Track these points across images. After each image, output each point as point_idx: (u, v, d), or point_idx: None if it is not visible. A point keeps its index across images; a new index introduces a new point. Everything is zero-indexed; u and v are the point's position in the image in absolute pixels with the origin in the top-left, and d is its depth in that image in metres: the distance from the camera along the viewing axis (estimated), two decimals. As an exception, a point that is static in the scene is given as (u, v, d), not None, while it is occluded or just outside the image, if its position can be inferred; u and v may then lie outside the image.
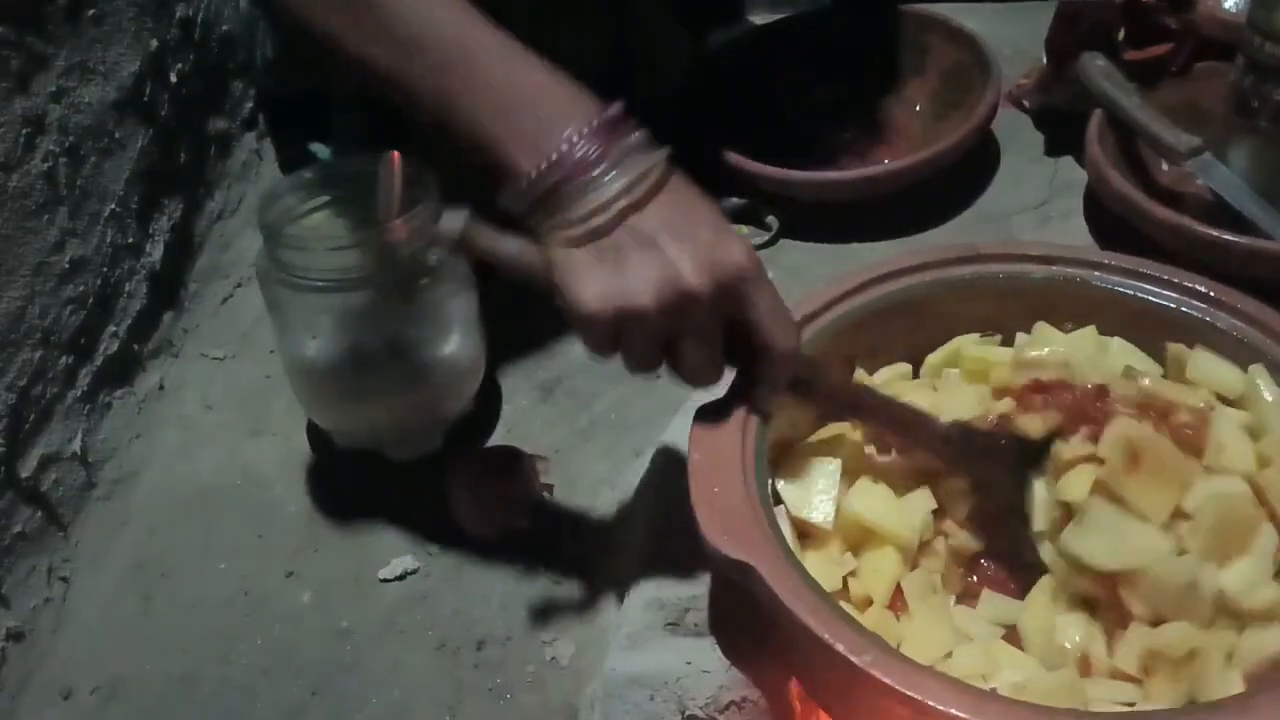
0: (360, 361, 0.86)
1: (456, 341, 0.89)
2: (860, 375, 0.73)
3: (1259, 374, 0.66)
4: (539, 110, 0.60)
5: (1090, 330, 0.71)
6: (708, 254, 0.58)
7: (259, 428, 0.97)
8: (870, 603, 0.64)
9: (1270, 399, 0.65)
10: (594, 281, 0.58)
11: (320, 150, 0.97)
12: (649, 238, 0.58)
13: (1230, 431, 0.62)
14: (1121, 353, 0.71)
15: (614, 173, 0.58)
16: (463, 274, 0.87)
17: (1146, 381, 0.65)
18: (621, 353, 0.60)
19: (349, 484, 0.91)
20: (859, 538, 0.66)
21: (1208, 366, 0.68)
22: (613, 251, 0.58)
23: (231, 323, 1.07)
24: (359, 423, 0.90)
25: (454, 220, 0.59)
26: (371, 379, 0.87)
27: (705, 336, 0.60)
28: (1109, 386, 0.64)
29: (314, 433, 0.93)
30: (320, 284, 0.84)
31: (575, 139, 0.59)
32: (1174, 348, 0.69)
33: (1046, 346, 0.70)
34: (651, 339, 0.59)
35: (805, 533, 0.67)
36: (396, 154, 0.80)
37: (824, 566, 0.65)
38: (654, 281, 0.57)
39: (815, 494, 0.66)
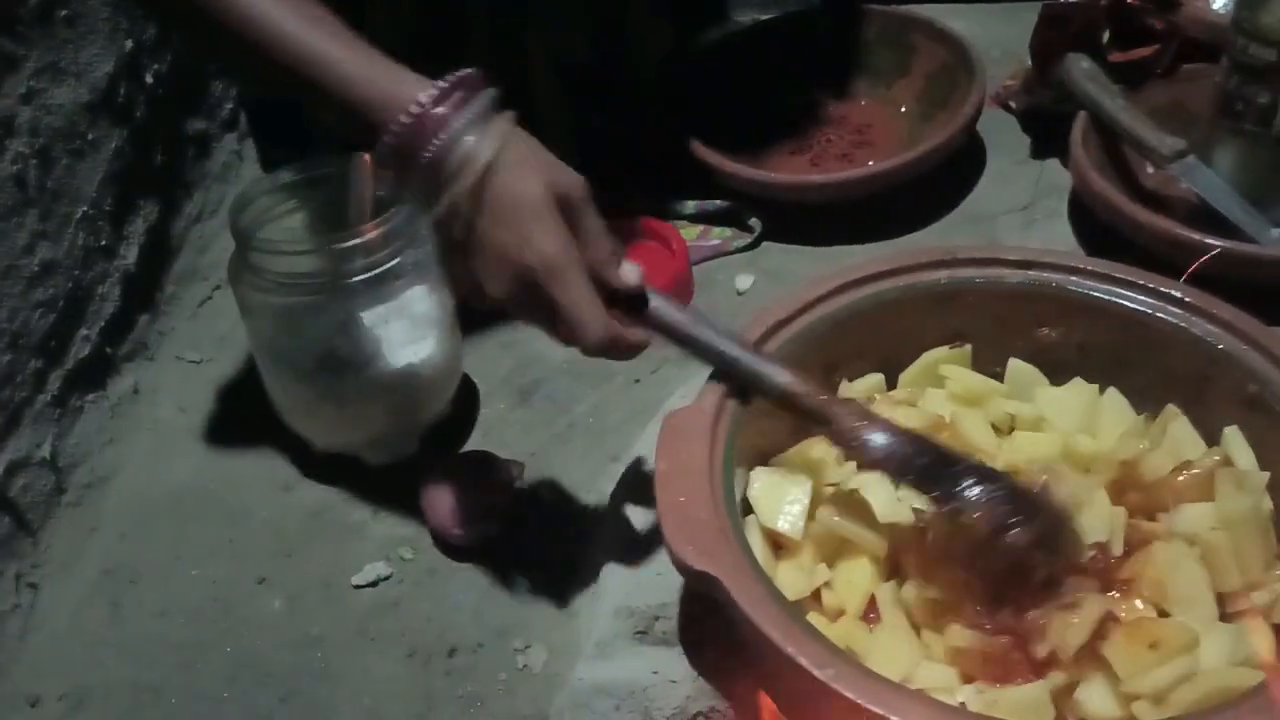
0: (333, 366, 0.86)
1: (431, 345, 0.88)
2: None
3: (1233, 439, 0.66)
4: (390, 77, 0.65)
5: (1081, 389, 0.71)
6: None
7: (233, 432, 0.96)
8: (843, 613, 0.63)
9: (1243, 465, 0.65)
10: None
11: (290, 150, 0.96)
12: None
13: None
14: (1110, 414, 0.70)
15: (466, 131, 0.63)
16: (437, 276, 0.87)
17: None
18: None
19: (322, 489, 0.90)
20: (833, 548, 0.65)
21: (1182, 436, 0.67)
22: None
23: (209, 326, 1.06)
24: (333, 427, 0.89)
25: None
26: (346, 383, 0.86)
27: (536, 319, 0.66)
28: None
29: (288, 437, 0.92)
30: (293, 288, 0.83)
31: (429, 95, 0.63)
32: (1169, 410, 0.69)
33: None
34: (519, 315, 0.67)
35: (779, 543, 0.66)
36: (368, 156, 0.80)
37: (796, 577, 0.65)
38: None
39: (785, 504, 0.65)
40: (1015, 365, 0.73)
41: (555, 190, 0.64)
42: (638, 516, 0.76)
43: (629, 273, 0.66)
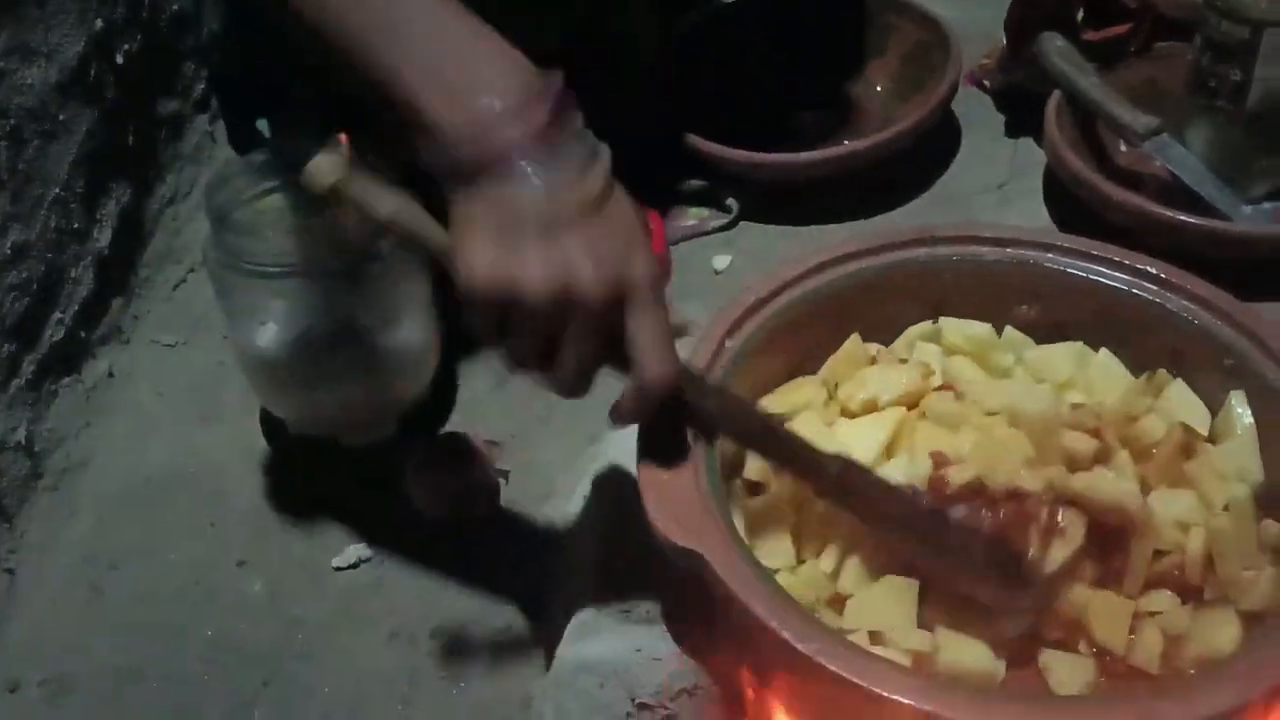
0: (312, 348, 0.85)
1: (410, 327, 0.87)
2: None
3: (1238, 401, 0.66)
4: (468, 67, 0.56)
5: (1076, 348, 0.71)
6: (612, 261, 0.55)
7: (211, 415, 0.95)
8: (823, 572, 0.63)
9: (1241, 431, 0.65)
10: (489, 252, 0.54)
11: (264, 127, 0.95)
12: (558, 228, 0.55)
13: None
14: (1102, 371, 0.70)
15: (546, 163, 0.55)
16: (416, 258, 0.86)
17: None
18: (502, 342, 0.57)
19: (302, 471, 0.90)
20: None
21: (1181, 400, 0.67)
22: (516, 230, 0.54)
23: (184, 308, 1.05)
24: (312, 410, 0.89)
25: (326, 165, 0.55)
26: (323, 366, 0.86)
27: (586, 342, 0.56)
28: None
29: (267, 420, 0.92)
30: (269, 270, 0.82)
31: (510, 110, 0.54)
32: (1160, 375, 0.69)
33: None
34: (535, 331, 0.56)
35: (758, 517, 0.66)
36: (344, 135, 0.79)
37: (777, 540, 0.65)
38: (550, 272, 0.54)
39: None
40: (1009, 333, 0.73)
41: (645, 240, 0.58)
42: (619, 495, 0.76)
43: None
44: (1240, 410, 0.65)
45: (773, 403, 0.70)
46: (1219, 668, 0.51)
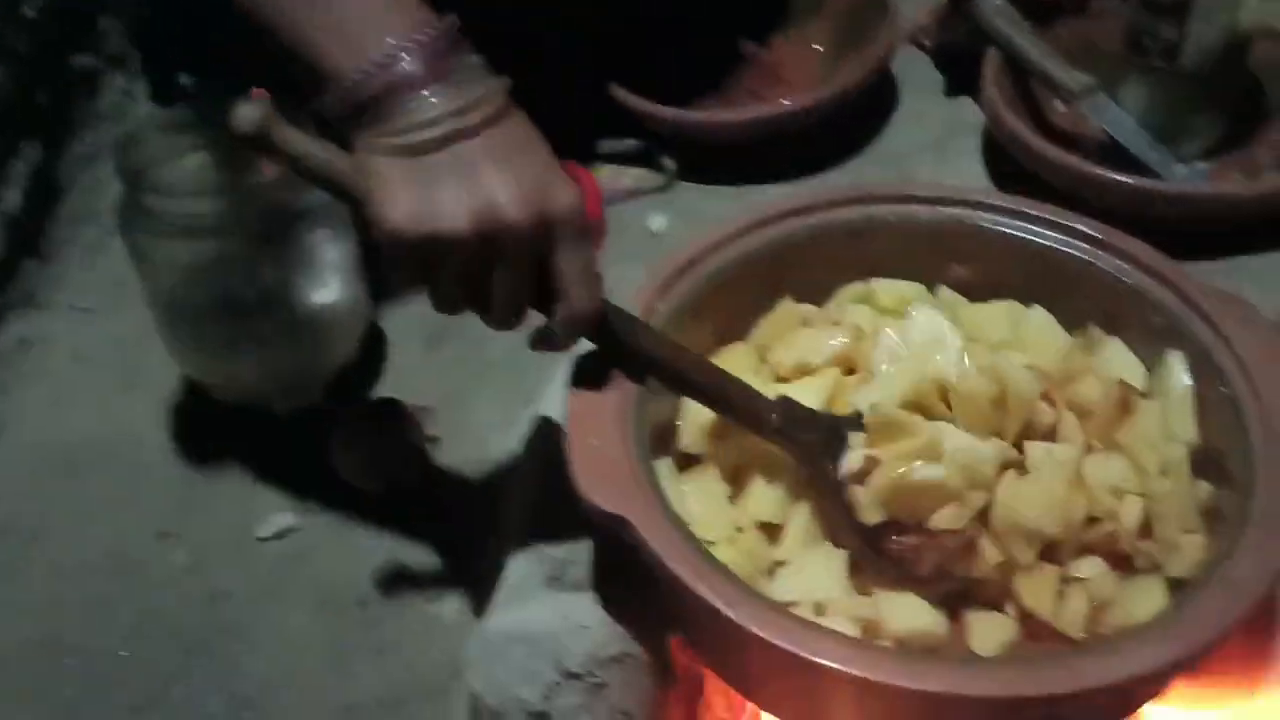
0: (233, 311, 0.83)
1: (336, 288, 0.85)
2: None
3: (1176, 361, 0.66)
4: (365, 11, 0.55)
5: (1010, 306, 0.71)
6: (532, 189, 0.54)
7: (131, 382, 0.92)
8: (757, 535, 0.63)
9: (1178, 391, 0.65)
10: (405, 199, 0.53)
11: (187, 81, 0.92)
12: (472, 165, 0.54)
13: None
14: (1037, 330, 0.70)
15: (445, 93, 0.54)
16: (342, 217, 0.84)
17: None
18: (429, 286, 0.56)
19: (226, 439, 0.87)
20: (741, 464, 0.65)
21: (1118, 358, 0.67)
22: (429, 172, 0.54)
23: (103, 272, 1.02)
24: (235, 375, 0.87)
25: (250, 111, 0.54)
26: (246, 330, 0.83)
27: (514, 274, 0.56)
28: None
29: (189, 386, 0.89)
30: (188, 231, 0.80)
31: (404, 47, 0.54)
32: (1094, 331, 0.69)
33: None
34: (461, 271, 0.55)
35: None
36: (263, 90, 0.76)
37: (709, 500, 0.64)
38: (471, 209, 0.53)
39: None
40: (943, 293, 0.73)
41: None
42: (552, 461, 0.75)
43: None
44: (1179, 370, 0.65)
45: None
46: (1145, 629, 0.51)
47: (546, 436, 0.75)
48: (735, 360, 0.69)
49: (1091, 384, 0.65)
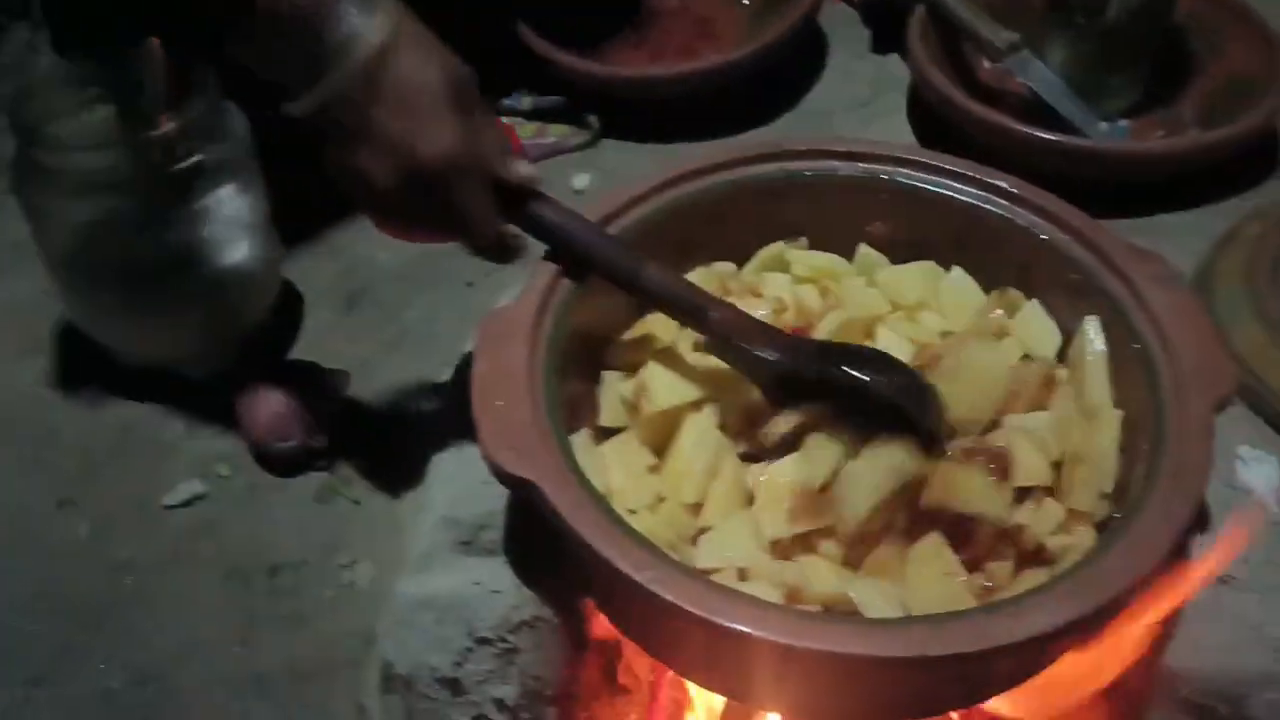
0: (136, 273, 0.80)
1: (246, 248, 0.83)
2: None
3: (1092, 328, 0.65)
4: None
5: (923, 268, 0.70)
6: (401, 151, 0.59)
7: (31, 347, 0.89)
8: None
9: (1091, 358, 0.64)
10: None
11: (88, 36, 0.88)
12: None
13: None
14: (953, 292, 0.70)
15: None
16: (251, 172, 0.81)
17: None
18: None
19: (131, 405, 0.84)
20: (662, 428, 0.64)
21: (1034, 322, 0.67)
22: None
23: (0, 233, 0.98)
24: (140, 339, 0.84)
25: None
26: (152, 292, 0.81)
27: (429, 213, 0.62)
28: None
29: (92, 350, 0.86)
30: (85, 188, 0.77)
31: None
32: (1010, 294, 0.69)
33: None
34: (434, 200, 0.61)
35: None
36: (158, 41, 0.73)
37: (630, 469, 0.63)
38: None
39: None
40: (863, 251, 0.72)
41: (451, 80, 0.60)
42: (465, 425, 0.73)
43: (521, 167, 0.64)
44: (1093, 337, 0.65)
45: (623, 344, 0.68)
46: (1051, 587, 0.51)
47: (460, 401, 0.74)
48: (654, 327, 0.68)
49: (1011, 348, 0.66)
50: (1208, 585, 0.59)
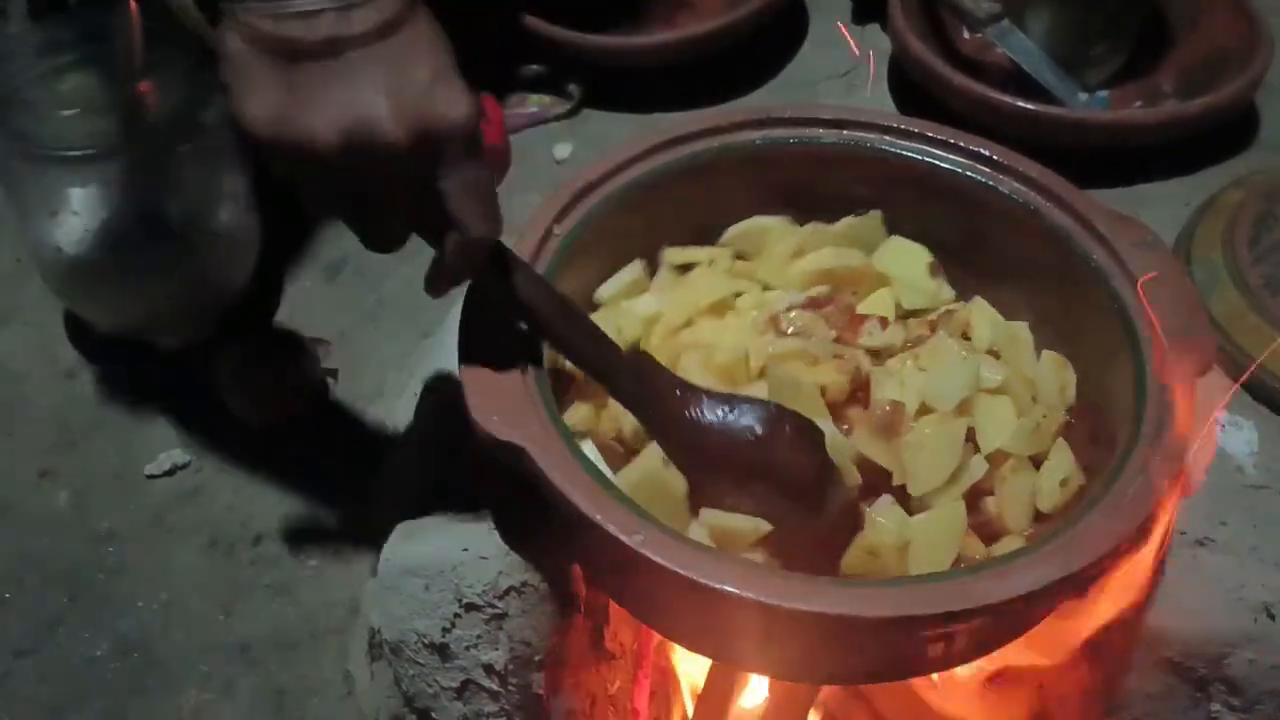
0: (117, 241, 0.79)
1: (227, 217, 0.82)
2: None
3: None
4: None
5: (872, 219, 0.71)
6: (416, 101, 0.48)
7: (7, 317, 0.88)
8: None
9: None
10: (267, 101, 0.47)
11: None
12: (350, 74, 0.47)
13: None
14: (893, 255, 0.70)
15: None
16: (228, 138, 0.80)
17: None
18: (299, 190, 0.51)
19: (111, 374, 0.84)
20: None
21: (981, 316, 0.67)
22: (303, 75, 0.47)
23: (-25, 202, 0.96)
24: (120, 308, 0.83)
25: None
26: (131, 261, 0.80)
27: (391, 193, 0.50)
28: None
29: (71, 320, 0.85)
30: (65, 155, 0.76)
31: None
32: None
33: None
34: (331, 185, 0.49)
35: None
36: (134, 4, 0.72)
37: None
38: (340, 124, 0.47)
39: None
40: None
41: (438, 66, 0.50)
42: (450, 393, 0.73)
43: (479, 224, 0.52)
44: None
45: (604, 290, 0.68)
46: (1035, 549, 0.51)
47: (447, 368, 0.73)
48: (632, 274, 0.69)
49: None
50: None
